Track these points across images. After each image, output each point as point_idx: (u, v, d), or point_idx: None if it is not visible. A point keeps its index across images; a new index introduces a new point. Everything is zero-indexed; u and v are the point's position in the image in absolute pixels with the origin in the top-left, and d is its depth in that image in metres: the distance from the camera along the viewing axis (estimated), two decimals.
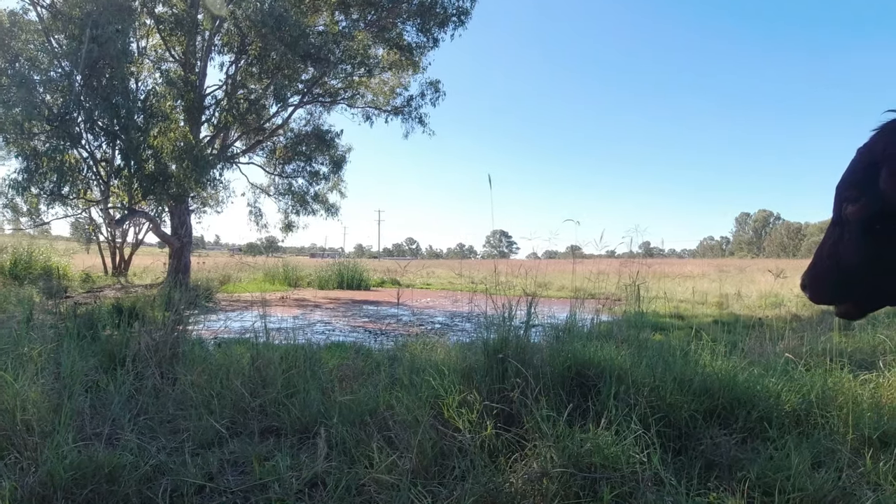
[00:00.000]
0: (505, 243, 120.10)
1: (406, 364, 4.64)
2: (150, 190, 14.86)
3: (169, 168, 14.99)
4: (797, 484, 2.97)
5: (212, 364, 4.99)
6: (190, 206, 18.44)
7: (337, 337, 8.95)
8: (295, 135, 20.57)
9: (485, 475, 2.96)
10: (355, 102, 20.67)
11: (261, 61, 16.07)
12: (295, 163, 20.52)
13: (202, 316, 11.21)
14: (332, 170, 20.85)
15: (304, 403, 4.15)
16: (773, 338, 6.39)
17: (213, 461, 3.49)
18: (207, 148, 16.76)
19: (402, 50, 18.98)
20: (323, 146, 20.09)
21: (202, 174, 14.95)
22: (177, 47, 17.02)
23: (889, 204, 2.00)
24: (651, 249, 23.13)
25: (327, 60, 15.89)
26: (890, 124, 2.17)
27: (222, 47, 16.80)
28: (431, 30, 18.83)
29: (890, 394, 4.63)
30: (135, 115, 14.24)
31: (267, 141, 20.20)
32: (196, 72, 16.86)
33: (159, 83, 16.28)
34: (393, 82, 20.99)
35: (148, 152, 14.58)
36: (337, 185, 21.80)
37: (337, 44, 16.18)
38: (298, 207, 20.90)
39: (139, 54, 16.38)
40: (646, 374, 4.02)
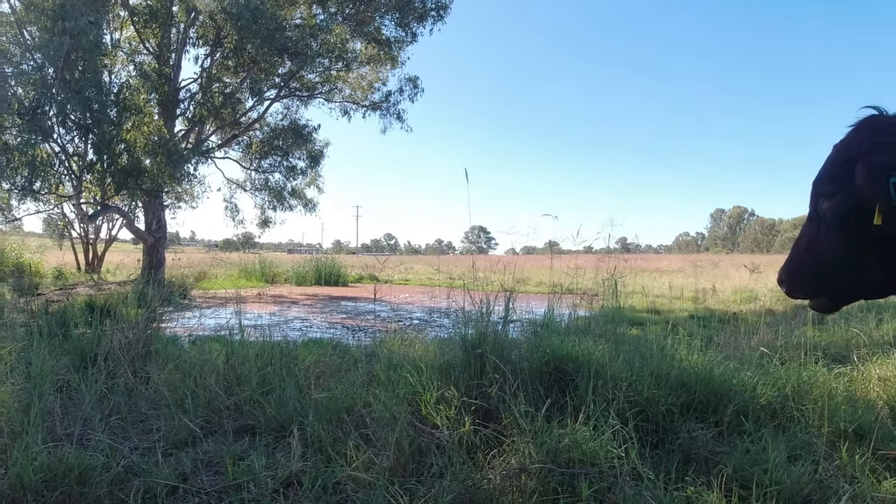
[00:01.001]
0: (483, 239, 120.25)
1: (384, 361, 4.61)
2: (123, 185, 14.60)
3: (142, 162, 14.74)
4: (774, 477, 2.99)
5: (185, 362, 4.91)
6: (164, 201, 18.14)
7: (314, 333, 8.89)
8: (271, 129, 20.31)
9: (463, 472, 2.94)
10: (333, 97, 20.49)
11: (237, 54, 15.88)
12: (271, 157, 20.26)
13: (177, 313, 11.10)
14: (310, 165, 20.64)
15: (279, 401, 4.10)
16: (748, 332, 6.46)
17: (186, 461, 3.42)
18: (182, 142, 16.49)
19: (381, 44, 18.84)
20: (300, 141, 19.88)
21: (176, 169, 14.71)
22: (151, 40, 16.70)
23: (864, 200, 2.01)
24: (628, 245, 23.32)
25: (304, 54, 15.71)
26: (865, 121, 2.19)
27: (197, 40, 16.57)
28: (410, 24, 18.72)
29: (864, 387, 4.70)
30: (108, 108, 13.96)
31: (243, 135, 19.93)
32: (171, 65, 16.58)
33: (133, 76, 16.01)
34: (371, 77, 20.84)
35: (121, 146, 14.31)
36: (314, 181, 21.58)
37: (314, 37, 16.01)
38: (275, 203, 20.64)
39: (113, 46, 16.08)
40: (623, 369, 4.03)
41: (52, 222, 30.45)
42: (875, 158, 1.99)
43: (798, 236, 2.42)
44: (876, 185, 1.95)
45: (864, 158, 2.03)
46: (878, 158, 1.98)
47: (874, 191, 1.95)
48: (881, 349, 5.38)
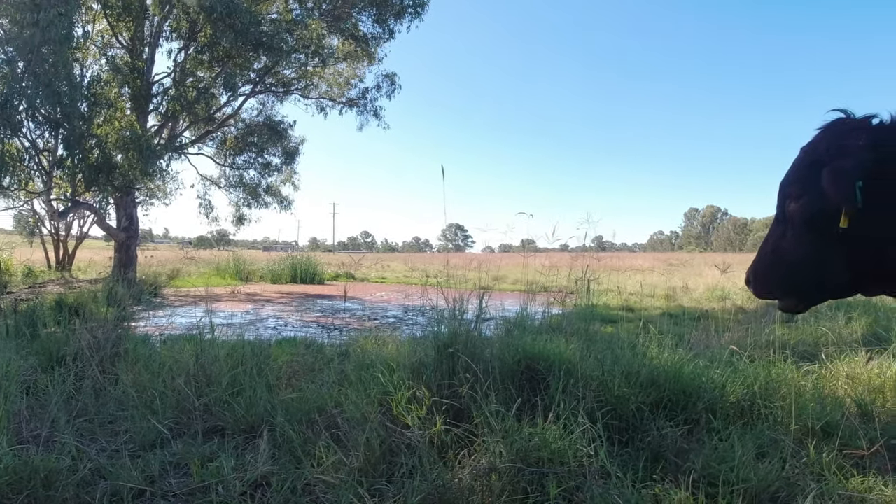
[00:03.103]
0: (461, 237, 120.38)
1: (356, 360, 4.57)
2: (94, 181, 14.37)
3: (114, 158, 14.48)
4: (741, 475, 3.01)
5: (155, 362, 4.84)
6: (136, 197, 17.89)
7: (289, 332, 8.81)
8: (246, 125, 20.14)
9: (433, 472, 2.93)
10: (309, 93, 20.36)
11: (211, 49, 15.67)
12: (246, 154, 20.10)
13: (149, 312, 10.94)
14: (285, 161, 20.52)
15: (249, 402, 4.04)
16: (719, 330, 6.53)
17: (154, 463, 3.36)
18: (155, 137, 16.25)
19: (358, 41, 18.75)
20: (275, 137, 19.74)
21: (148, 165, 14.48)
22: (124, 33, 16.41)
23: (830, 202, 2.03)
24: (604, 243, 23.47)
25: (280, 49, 15.56)
26: (832, 124, 2.21)
27: (171, 33, 16.31)
28: (387, 21, 18.66)
29: (832, 384, 4.77)
30: (78, 102, 13.70)
31: (217, 131, 19.71)
32: (144, 59, 16.34)
33: (105, 70, 15.74)
34: (348, 73, 20.75)
35: (92, 141, 14.07)
36: (290, 178, 21.45)
37: (290, 32, 15.88)
38: (250, 200, 20.48)
39: (85, 40, 15.79)
40: (594, 368, 4.05)
41: (22, 219, 29.79)
42: (842, 162, 2.01)
43: (765, 237, 2.45)
44: (842, 189, 1.97)
45: (831, 162, 2.05)
46: (844, 162, 2.00)
47: (840, 194, 1.97)
48: (849, 347, 5.45)
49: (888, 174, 1.97)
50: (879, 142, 2.01)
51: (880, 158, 1.97)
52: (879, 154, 1.98)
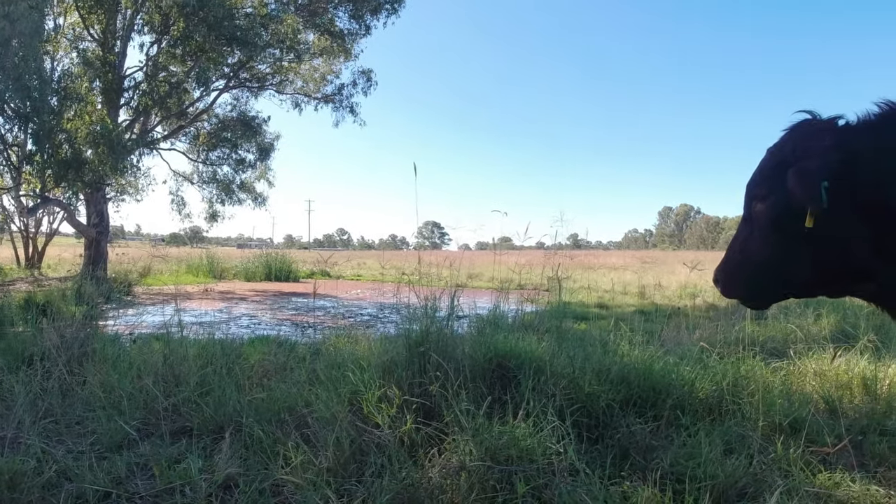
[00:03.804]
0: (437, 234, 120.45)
1: (327, 358, 4.54)
2: (64, 176, 14.08)
3: (84, 153, 14.21)
4: (709, 471, 3.03)
5: (123, 362, 4.76)
6: (107, 193, 17.56)
7: (263, 331, 8.73)
8: (220, 120, 19.87)
9: (402, 471, 2.91)
10: (284, 88, 20.18)
11: (184, 43, 15.43)
12: (220, 150, 19.83)
13: (120, 310, 10.75)
14: (260, 157, 20.31)
15: (218, 402, 3.99)
16: (690, 327, 6.59)
17: (121, 465, 3.30)
18: (126, 132, 15.97)
19: (334, 36, 18.62)
20: (249, 133, 19.52)
21: (119, 160, 14.23)
22: (96, 26, 16.08)
23: (796, 202, 2.05)
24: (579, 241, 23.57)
25: (254, 44, 15.41)
26: (799, 125, 2.24)
27: (143, 27, 16.05)
28: (364, 17, 18.59)
29: (800, 381, 4.83)
30: (48, 96, 13.44)
31: (190, 126, 19.45)
32: (115, 52, 16.03)
33: (76, 63, 15.45)
34: (324, 69, 20.61)
35: (61, 136, 13.79)
36: (264, 174, 21.25)
37: (265, 27, 15.73)
38: (224, 196, 20.22)
39: (55, 32, 15.49)
40: (565, 365, 4.06)
41: None
42: (807, 163, 2.03)
43: (733, 237, 2.47)
44: (808, 189, 1.99)
45: (796, 163, 2.08)
46: (810, 163, 2.03)
47: (806, 194, 2.00)
48: (817, 344, 5.52)
49: (852, 173, 2.00)
50: (844, 143, 2.03)
51: (845, 159, 2.00)
52: (844, 155, 2.00)
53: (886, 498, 3.04)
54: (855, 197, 2.00)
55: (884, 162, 1.96)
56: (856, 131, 2.08)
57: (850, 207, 2.00)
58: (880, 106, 2.05)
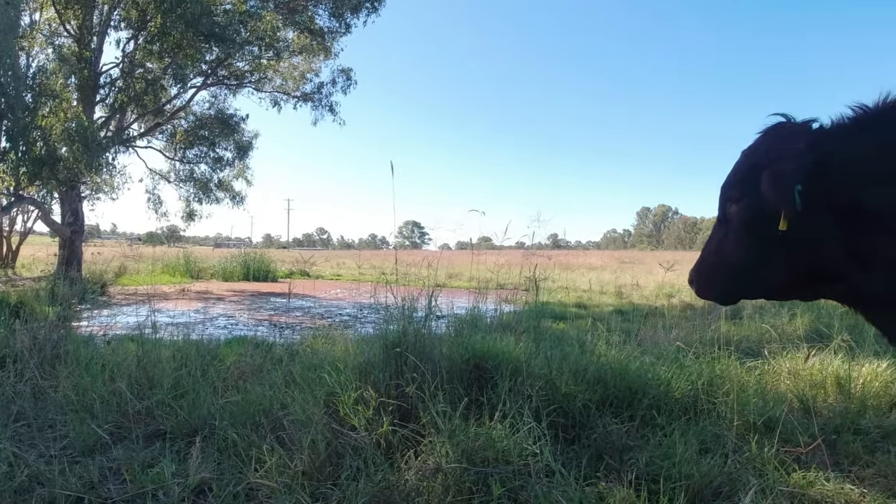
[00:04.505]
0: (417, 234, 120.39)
1: (304, 360, 4.50)
2: (38, 174, 13.82)
3: (58, 151, 13.97)
4: (684, 471, 3.05)
5: (97, 364, 4.68)
6: (82, 192, 17.28)
7: (240, 331, 8.64)
8: (197, 118, 19.61)
9: (378, 473, 2.89)
10: (263, 86, 19.98)
11: (161, 39, 15.21)
12: (197, 148, 19.57)
13: (94, 311, 10.59)
14: (238, 156, 20.08)
15: (193, 405, 3.94)
16: (666, 326, 6.64)
17: (93, 469, 3.24)
18: (101, 130, 15.73)
19: (314, 34, 18.51)
20: (227, 131, 19.31)
21: (94, 158, 14.00)
22: (72, 21, 15.80)
23: (769, 205, 2.07)
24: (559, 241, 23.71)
25: (232, 41, 15.24)
26: (773, 128, 2.25)
27: (120, 22, 15.80)
28: (344, 15, 18.47)
29: (775, 380, 4.87)
30: (23, 93, 13.18)
31: (167, 124, 19.17)
32: (92, 48, 15.77)
33: (51, 59, 15.17)
34: (303, 67, 20.46)
35: (35, 133, 13.53)
36: (242, 173, 20.98)
37: (243, 24, 15.58)
38: (201, 195, 19.92)
39: (31, 28, 15.20)
40: (542, 365, 4.06)
41: None
42: (781, 166, 2.04)
43: (708, 239, 2.49)
44: (781, 192, 2.01)
45: (770, 165, 2.09)
46: (784, 166, 2.04)
47: (780, 197, 2.01)
48: (792, 343, 5.58)
49: (825, 175, 2.01)
50: (818, 146, 2.05)
51: (819, 162, 2.01)
52: (818, 158, 2.02)
53: (860, 497, 3.08)
54: (828, 200, 2.01)
55: (857, 165, 1.97)
56: (830, 134, 2.10)
57: (824, 210, 2.02)
58: (854, 109, 2.07)
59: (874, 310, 2.20)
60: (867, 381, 4.57)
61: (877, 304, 2.14)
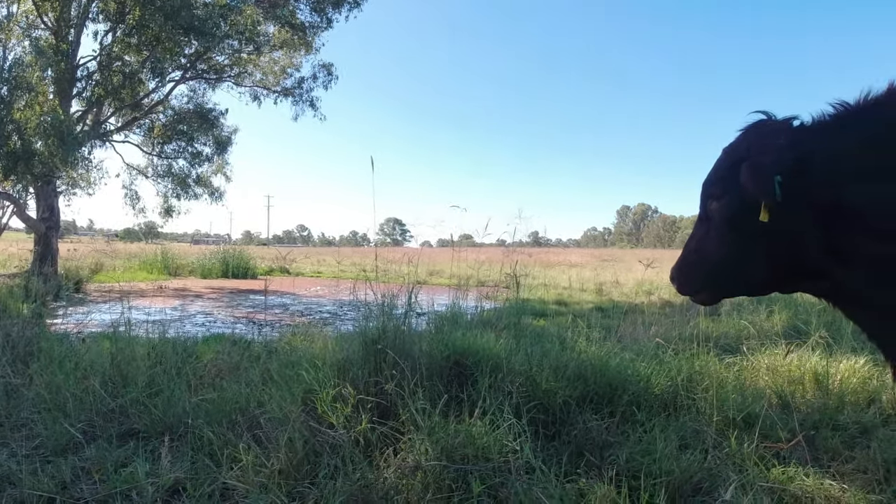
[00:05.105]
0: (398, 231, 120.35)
1: (281, 357, 4.45)
2: (13, 169, 13.58)
3: (33, 145, 13.72)
4: (664, 467, 3.05)
5: (71, 361, 4.60)
6: (57, 187, 16.98)
7: (218, 329, 8.55)
8: (175, 112, 19.30)
9: (357, 472, 2.86)
10: (243, 81, 19.72)
11: (139, 32, 14.98)
12: (175, 142, 19.27)
13: (69, 308, 10.45)
14: (217, 151, 19.78)
15: (167, 403, 3.88)
16: (646, 323, 6.67)
17: (66, 469, 3.19)
18: (78, 124, 15.45)
19: (295, 29, 18.33)
20: (206, 125, 19.03)
21: (69, 152, 13.74)
22: (50, 13, 15.50)
23: (749, 196, 2.07)
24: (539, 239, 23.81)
25: (212, 34, 15.02)
26: (754, 125, 2.25)
27: (98, 14, 15.54)
28: (325, 10, 18.33)
29: (753, 376, 4.90)
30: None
31: (144, 118, 18.85)
32: (69, 41, 15.48)
33: (28, 52, 14.87)
34: (284, 62, 20.25)
35: (10, 127, 13.27)
36: (222, 168, 20.69)
37: (223, 17, 15.36)
38: (179, 191, 19.61)
39: (8, 20, 14.90)
40: (523, 362, 4.05)
41: None
42: (761, 158, 2.04)
43: (689, 236, 2.48)
44: (761, 182, 2.00)
45: (750, 161, 2.08)
46: (764, 158, 2.04)
47: (759, 187, 2.01)
48: (770, 340, 5.63)
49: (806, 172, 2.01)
50: (799, 143, 2.05)
51: (799, 158, 2.01)
52: (799, 154, 2.02)
53: (840, 492, 3.10)
54: (809, 196, 2.01)
55: (837, 162, 1.97)
56: (810, 132, 2.10)
57: (804, 206, 2.02)
58: (835, 107, 2.06)
59: (853, 307, 2.21)
60: (845, 377, 4.60)
61: (856, 302, 2.15)
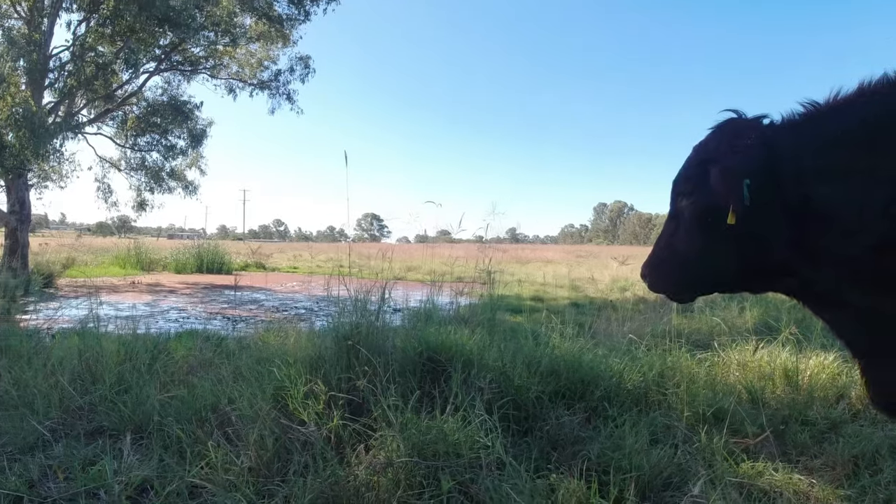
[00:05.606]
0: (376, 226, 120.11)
1: (253, 353, 4.40)
2: None
3: (4, 137, 13.42)
4: (634, 462, 3.07)
5: (39, 358, 4.52)
6: (29, 180, 16.65)
7: (192, 325, 8.45)
8: (149, 104, 18.94)
9: (327, 469, 2.83)
10: (218, 73, 19.43)
11: (113, 22, 14.69)
12: (149, 135, 18.92)
13: (40, 304, 10.26)
14: (191, 144, 19.47)
15: (137, 400, 3.82)
16: (620, 319, 6.71)
17: (34, 468, 3.15)
18: (50, 115, 15.15)
19: (272, 21, 18.08)
20: (180, 118, 18.71)
21: (41, 144, 13.48)
22: (23, 3, 15.16)
23: (719, 199, 2.08)
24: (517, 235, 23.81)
25: (187, 25, 14.78)
26: (724, 124, 2.27)
27: (72, 4, 15.20)
28: (303, 2, 18.11)
29: (724, 372, 4.96)
30: None
31: (118, 110, 18.52)
32: (42, 30, 15.15)
33: (0, 42, 14.55)
34: (261, 54, 19.98)
35: None
36: (196, 161, 20.42)
37: (199, 8, 15.14)
38: (153, 184, 19.28)
39: None
40: (496, 358, 4.06)
41: None
42: (730, 160, 2.05)
43: (660, 234, 2.50)
44: (730, 187, 2.02)
45: (719, 160, 2.10)
46: (733, 160, 2.05)
47: (728, 192, 2.02)
48: (741, 336, 5.69)
49: (775, 171, 2.03)
50: (768, 141, 2.06)
51: (769, 157, 2.03)
52: (768, 152, 2.03)
53: (809, 486, 3.14)
54: (778, 195, 2.02)
55: (806, 161, 1.99)
56: (780, 130, 2.12)
57: (773, 205, 2.03)
58: (805, 106, 2.08)
59: (821, 305, 2.23)
60: (814, 373, 4.67)
61: (823, 300, 2.17)
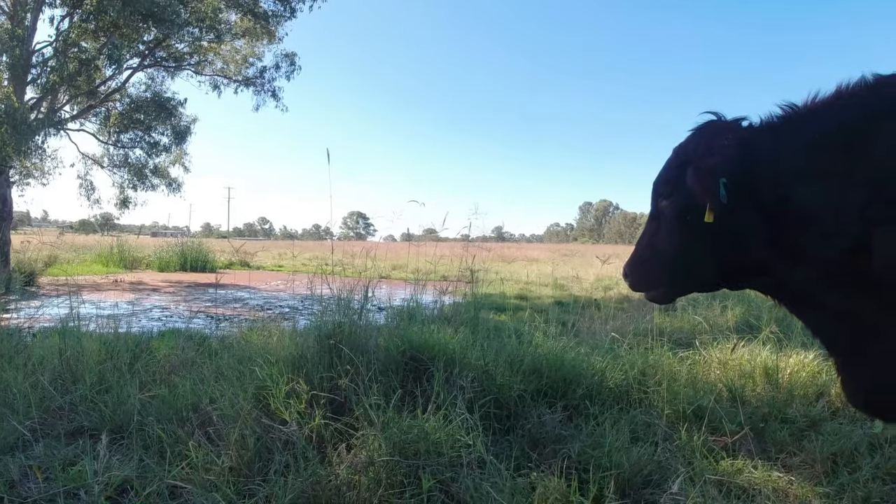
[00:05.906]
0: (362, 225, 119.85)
1: (235, 352, 4.38)
2: None
3: None
4: (614, 459, 3.10)
5: (19, 357, 4.48)
6: (11, 177, 16.45)
7: (175, 323, 8.39)
8: (132, 101, 18.74)
9: (308, 468, 2.83)
10: (203, 69, 19.26)
11: (97, 17, 14.53)
12: (132, 132, 18.74)
13: (22, 302, 10.14)
14: (175, 141, 19.30)
15: (118, 400, 3.80)
16: (603, 318, 6.75)
17: (13, 468, 3.11)
18: (32, 111, 14.97)
19: (257, 17, 17.96)
20: (164, 114, 18.53)
21: (22, 141, 13.32)
22: None
23: (697, 198, 2.11)
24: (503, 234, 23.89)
25: (171, 21, 14.64)
26: (703, 126, 2.30)
27: None
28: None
29: (705, 370, 5.00)
30: None
31: (101, 106, 18.33)
32: (25, 25, 14.97)
33: None
34: (246, 51, 19.85)
35: None
36: (180, 158, 20.22)
37: (184, 4, 15.02)
38: (136, 181, 19.09)
39: None
40: (478, 357, 4.07)
41: None
42: (707, 161, 2.09)
43: (641, 234, 2.53)
44: (706, 186, 2.05)
45: (696, 161, 2.13)
46: (710, 161, 2.08)
47: (704, 191, 2.05)
48: (723, 334, 5.74)
49: (752, 172, 2.06)
50: (746, 142, 2.10)
51: (746, 157, 2.06)
52: (745, 153, 2.07)
53: (788, 484, 3.18)
54: (755, 196, 2.06)
55: (783, 162, 2.02)
56: (758, 132, 2.15)
57: (750, 205, 2.07)
58: (783, 108, 2.12)
59: (797, 304, 2.26)
60: (794, 371, 4.72)
61: (800, 299, 2.21)
